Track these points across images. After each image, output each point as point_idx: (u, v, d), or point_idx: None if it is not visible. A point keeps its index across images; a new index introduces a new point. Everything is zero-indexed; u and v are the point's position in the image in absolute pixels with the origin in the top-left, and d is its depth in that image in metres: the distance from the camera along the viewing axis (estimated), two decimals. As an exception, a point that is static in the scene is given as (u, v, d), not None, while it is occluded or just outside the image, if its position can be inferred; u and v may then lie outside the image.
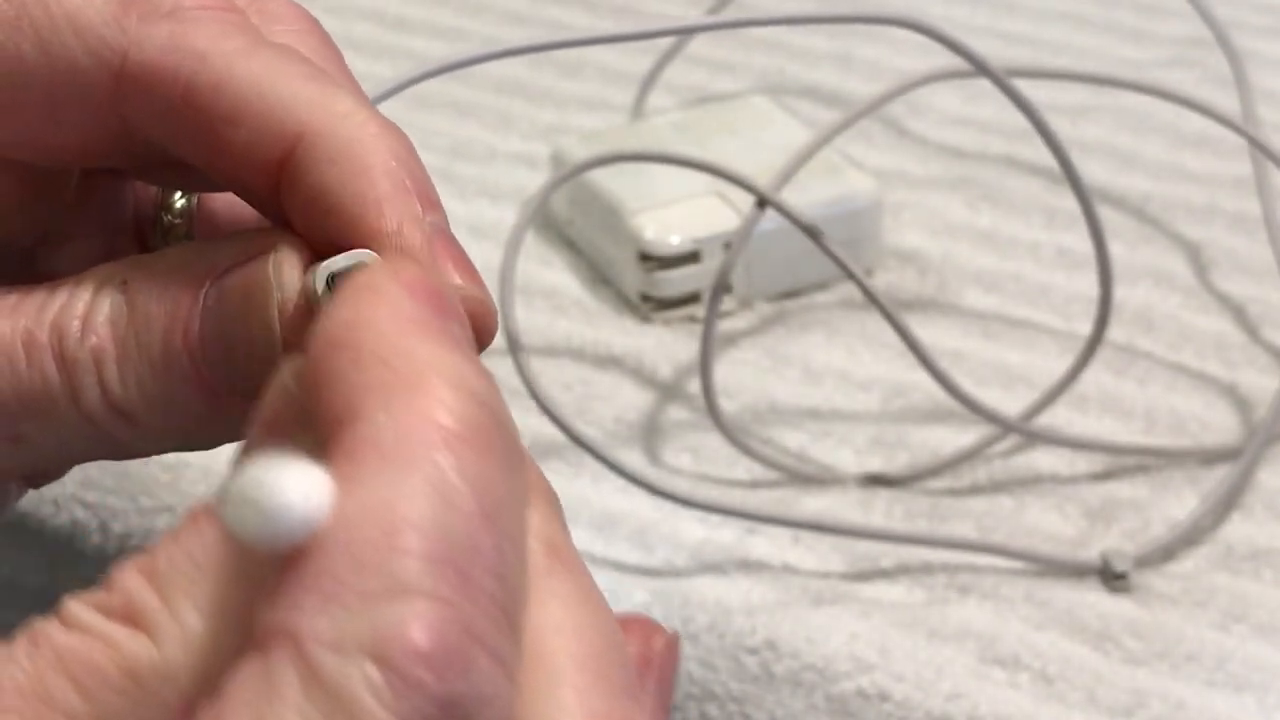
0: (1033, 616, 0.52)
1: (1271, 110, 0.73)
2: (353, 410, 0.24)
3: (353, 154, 0.30)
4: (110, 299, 0.32)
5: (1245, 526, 0.56)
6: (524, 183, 0.72)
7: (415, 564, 0.23)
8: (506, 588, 0.24)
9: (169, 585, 0.25)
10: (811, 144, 0.59)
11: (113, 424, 0.32)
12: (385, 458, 0.23)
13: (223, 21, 0.32)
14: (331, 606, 0.23)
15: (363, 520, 0.23)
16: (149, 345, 0.31)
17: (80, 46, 0.31)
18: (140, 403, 0.32)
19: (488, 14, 0.85)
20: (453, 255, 0.30)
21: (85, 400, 0.32)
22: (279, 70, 0.31)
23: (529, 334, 0.63)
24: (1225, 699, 0.50)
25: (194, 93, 0.31)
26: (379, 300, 0.25)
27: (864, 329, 0.63)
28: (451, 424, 0.24)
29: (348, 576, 0.23)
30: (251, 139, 0.31)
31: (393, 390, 0.24)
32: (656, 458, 0.59)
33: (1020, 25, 0.83)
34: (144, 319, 0.32)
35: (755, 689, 0.51)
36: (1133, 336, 0.63)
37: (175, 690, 0.25)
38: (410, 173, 0.30)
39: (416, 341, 0.25)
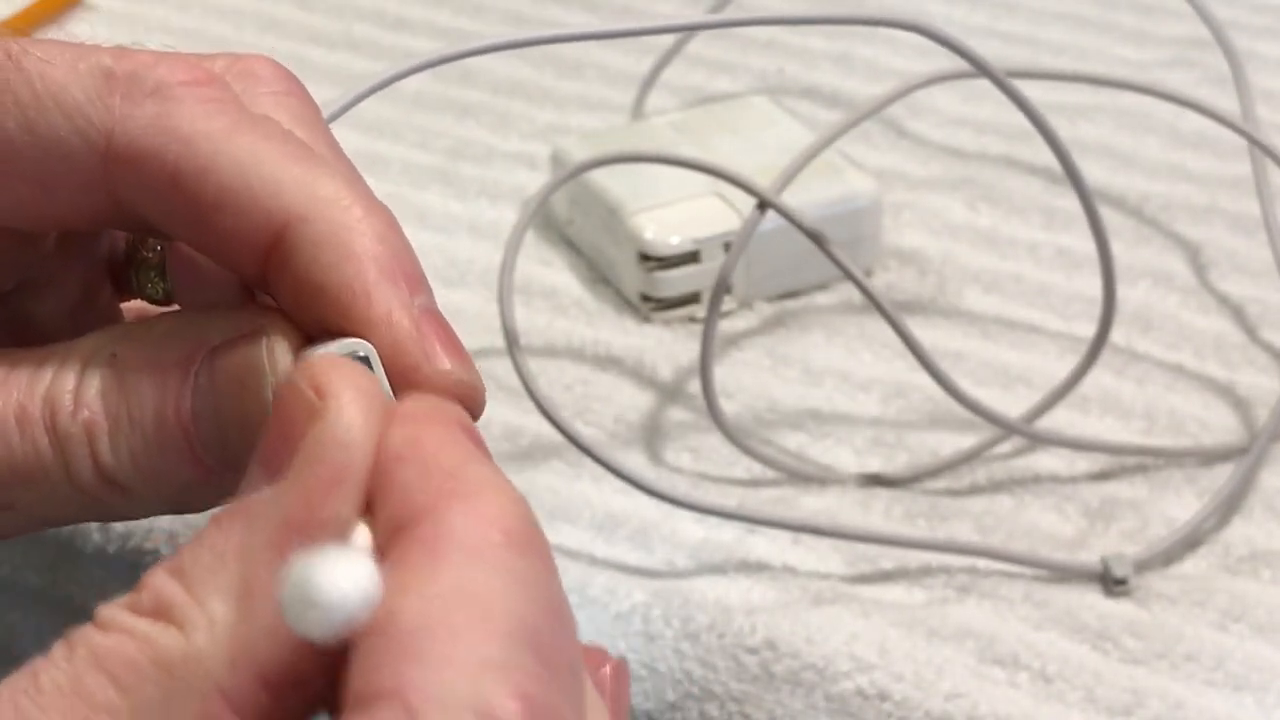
0: (1032, 616, 0.52)
1: (1270, 110, 0.73)
2: (426, 510, 0.27)
3: (339, 240, 0.31)
4: (100, 373, 0.32)
5: (1244, 527, 0.56)
6: (524, 183, 0.72)
7: (509, 644, 0.25)
8: (575, 674, 0.26)
9: (194, 579, 0.27)
10: (814, 146, 0.59)
11: (105, 494, 0.33)
12: (468, 553, 0.26)
13: (205, 100, 0.32)
14: (436, 674, 0.25)
15: (457, 604, 0.25)
16: (141, 420, 0.32)
17: (66, 125, 0.32)
18: (133, 474, 0.32)
19: (488, 14, 0.85)
20: (441, 336, 0.31)
21: (77, 472, 0.32)
22: (263, 152, 0.32)
23: (529, 334, 0.63)
24: (1224, 698, 0.50)
25: (180, 178, 0.31)
26: (434, 426, 0.28)
27: (864, 329, 0.63)
28: (514, 528, 0.27)
29: (449, 649, 0.25)
30: (238, 224, 0.31)
31: (463, 499, 0.27)
32: (656, 458, 0.59)
33: (1020, 25, 0.83)
34: (135, 394, 0.32)
35: (755, 689, 0.51)
36: (1132, 337, 0.63)
37: (208, 677, 0.26)
38: (396, 255, 0.31)
39: (471, 462, 0.27)
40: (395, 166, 0.73)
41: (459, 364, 0.31)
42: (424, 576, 0.26)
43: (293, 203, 0.31)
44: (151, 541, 0.55)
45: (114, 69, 0.32)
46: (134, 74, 0.32)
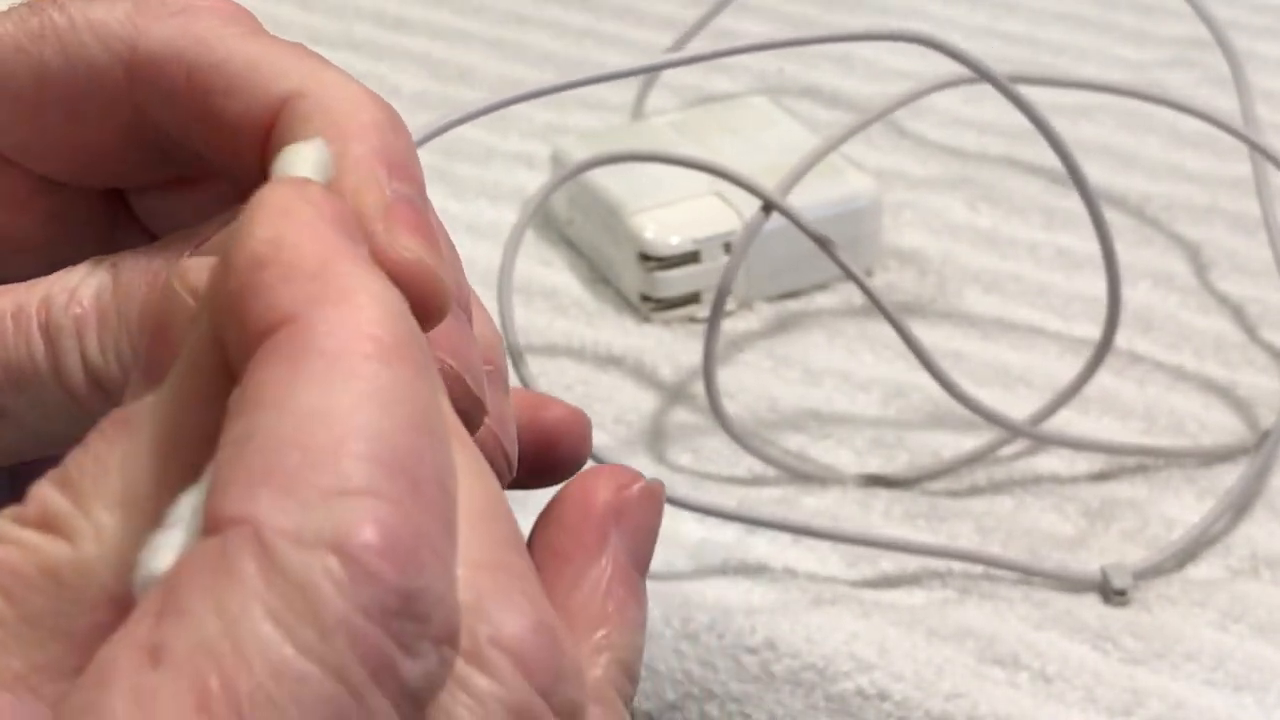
0: (1031, 616, 0.52)
1: (1270, 110, 0.73)
2: (289, 318, 0.25)
3: (330, 116, 0.31)
4: (99, 277, 0.33)
5: (1244, 526, 0.56)
6: (523, 183, 0.72)
7: (366, 467, 0.24)
8: (444, 491, 0.25)
9: (80, 489, 0.26)
10: (820, 148, 0.59)
11: (91, 396, 0.33)
12: (329, 365, 0.24)
13: (225, 14, 0.34)
14: (288, 501, 0.23)
15: (313, 422, 0.24)
16: (129, 315, 0.33)
17: (97, 45, 0.33)
18: (119, 373, 0.33)
19: (488, 14, 0.85)
20: (411, 222, 0.30)
21: (65, 369, 0.33)
22: (275, 49, 0.33)
23: (529, 334, 0.63)
24: (1224, 698, 0.50)
25: (195, 72, 0.33)
26: (297, 221, 0.26)
27: (865, 330, 0.63)
28: (384, 336, 0.25)
29: (303, 473, 0.24)
30: (244, 108, 0.32)
31: (327, 303, 0.25)
32: (656, 458, 0.59)
33: (1019, 26, 0.83)
34: (126, 291, 0.33)
35: (755, 689, 0.51)
36: (1132, 337, 0.63)
37: (95, 585, 0.26)
38: (386, 141, 0.31)
39: (339, 260, 0.26)
40: (395, 166, 0.73)
41: (422, 246, 0.30)
42: (281, 391, 0.24)
43: (295, 83, 0.32)
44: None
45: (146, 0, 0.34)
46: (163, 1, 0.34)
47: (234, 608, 0.23)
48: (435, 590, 0.24)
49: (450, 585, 0.24)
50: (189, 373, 0.27)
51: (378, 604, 0.23)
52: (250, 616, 0.23)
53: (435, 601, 0.24)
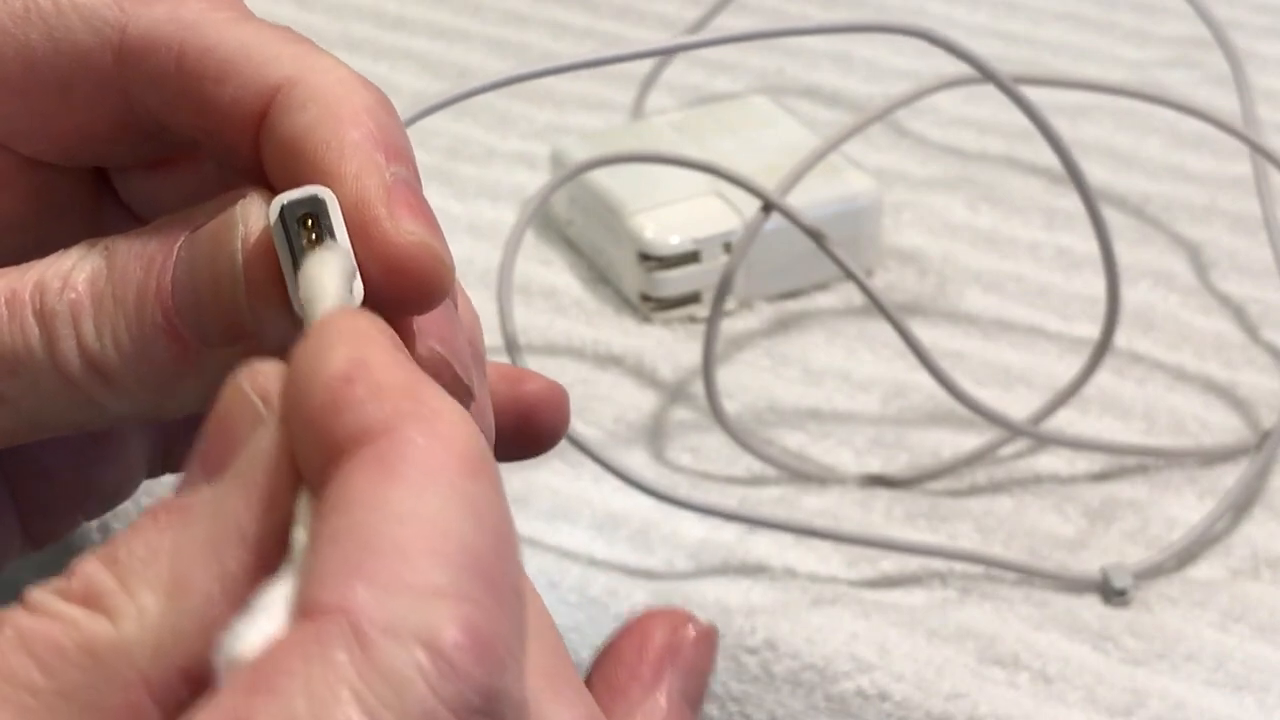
0: (1032, 616, 0.52)
1: (1271, 110, 0.73)
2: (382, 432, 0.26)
3: (324, 102, 0.31)
4: (92, 262, 0.33)
5: (1245, 527, 0.56)
6: (523, 183, 0.72)
7: (456, 571, 0.25)
8: (520, 600, 0.26)
9: (126, 570, 0.27)
10: (820, 148, 0.59)
11: (88, 381, 0.33)
12: (423, 476, 0.26)
13: (215, 2, 0.34)
14: (384, 595, 0.24)
15: (408, 525, 0.25)
16: (125, 300, 0.33)
17: (84, 28, 0.33)
18: (115, 358, 0.33)
19: (488, 14, 0.85)
20: (410, 204, 0.31)
21: (62, 355, 0.33)
22: (265, 34, 0.33)
23: (529, 334, 0.63)
24: (1225, 699, 0.50)
25: (185, 58, 0.33)
26: (376, 344, 0.27)
27: (864, 329, 0.63)
28: (471, 454, 0.26)
29: (398, 571, 0.25)
30: (236, 94, 0.32)
31: (420, 420, 0.26)
32: (656, 458, 0.59)
33: (1020, 25, 0.83)
34: (121, 275, 0.33)
35: (755, 689, 0.51)
36: (1132, 337, 0.63)
37: (131, 665, 0.26)
38: (380, 125, 0.31)
39: (423, 382, 0.27)
40: (395, 166, 0.73)
41: (424, 228, 0.31)
42: (379, 495, 0.26)
43: (288, 68, 0.32)
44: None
45: None
46: None
47: (324, 691, 0.24)
48: (512, 691, 0.25)
49: (522, 687, 0.26)
50: (254, 473, 0.27)
51: (462, 700, 0.24)
52: (339, 700, 0.24)
53: (510, 701, 0.25)
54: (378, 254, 0.30)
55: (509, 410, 0.37)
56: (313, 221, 0.30)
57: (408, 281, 0.31)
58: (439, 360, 0.32)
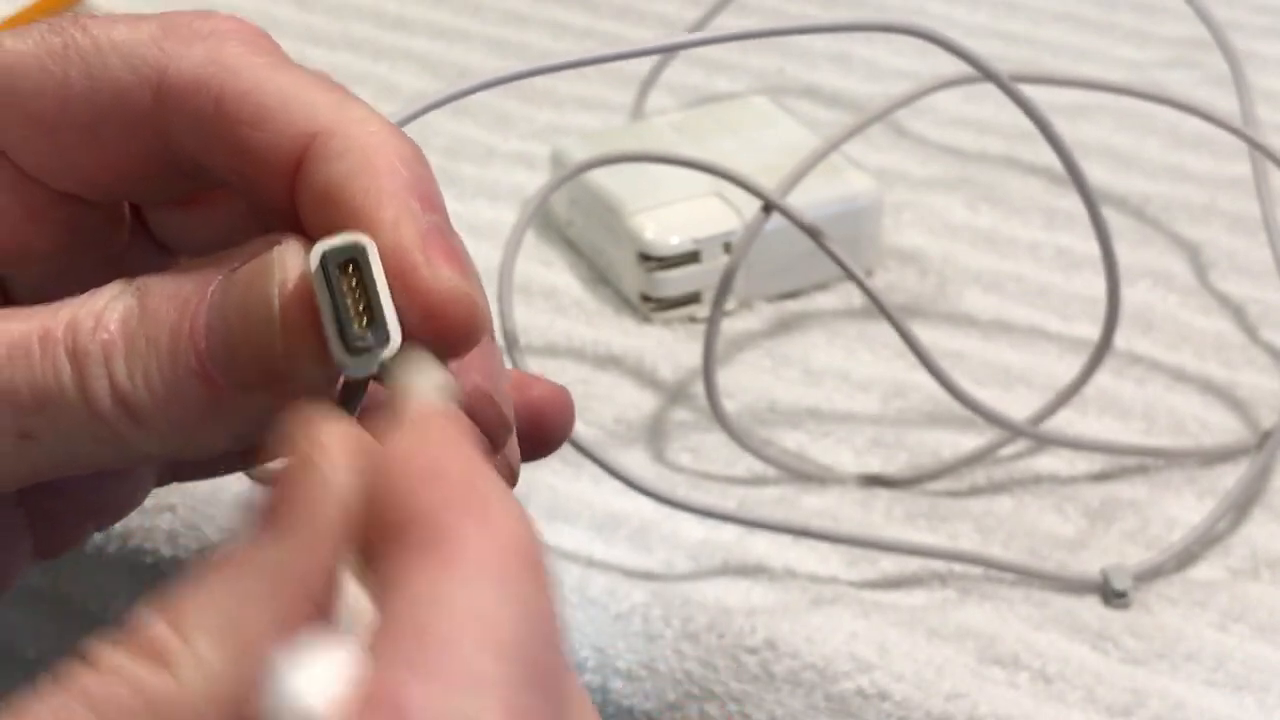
0: (1032, 616, 0.52)
1: (1270, 110, 0.73)
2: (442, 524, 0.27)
3: (361, 152, 0.32)
4: (124, 302, 0.33)
5: (1244, 527, 0.56)
6: (523, 183, 0.72)
7: (506, 665, 0.26)
8: (564, 700, 0.27)
9: (185, 621, 0.27)
10: (821, 149, 0.59)
11: (118, 421, 0.33)
12: (481, 571, 0.27)
13: (251, 41, 0.34)
14: (433, 685, 0.26)
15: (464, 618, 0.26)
16: (157, 341, 0.33)
17: (123, 67, 0.34)
18: (146, 399, 0.33)
19: (488, 14, 0.85)
20: (446, 251, 0.32)
21: (93, 394, 0.33)
22: (303, 81, 0.33)
23: (529, 334, 0.63)
24: (1224, 698, 0.50)
25: (224, 101, 0.33)
26: (446, 435, 0.29)
27: (864, 330, 0.64)
28: (527, 551, 0.27)
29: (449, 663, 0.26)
30: (273, 140, 0.33)
31: (478, 515, 0.27)
32: (656, 458, 0.59)
33: (1020, 26, 0.83)
34: (154, 317, 0.33)
35: (755, 688, 0.51)
36: (1132, 337, 0.63)
37: (191, 715, 0.27)
38: (416, 175, 0.32)
39: (483, 476, 0.28)
40: (395, 166, 0.73)
41: (460, 275, 0.31)
42: (434, 588, 0.26)
43: (324, 119, 0.33)
44: (152, 542, 0.55)
45: (168, 20, 0.34)
46: (189, 24, 0.34)
47: None
48: None
49: None
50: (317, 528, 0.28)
51: None
52: None
53: None
54: (417, 301, 0.31)
55: (518, 416, 0.37)
56: (353, 268, 0.31)
57: (445, 326, 0.31)
58: (483, 396, 0.33)
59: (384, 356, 0.31)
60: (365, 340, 0.31)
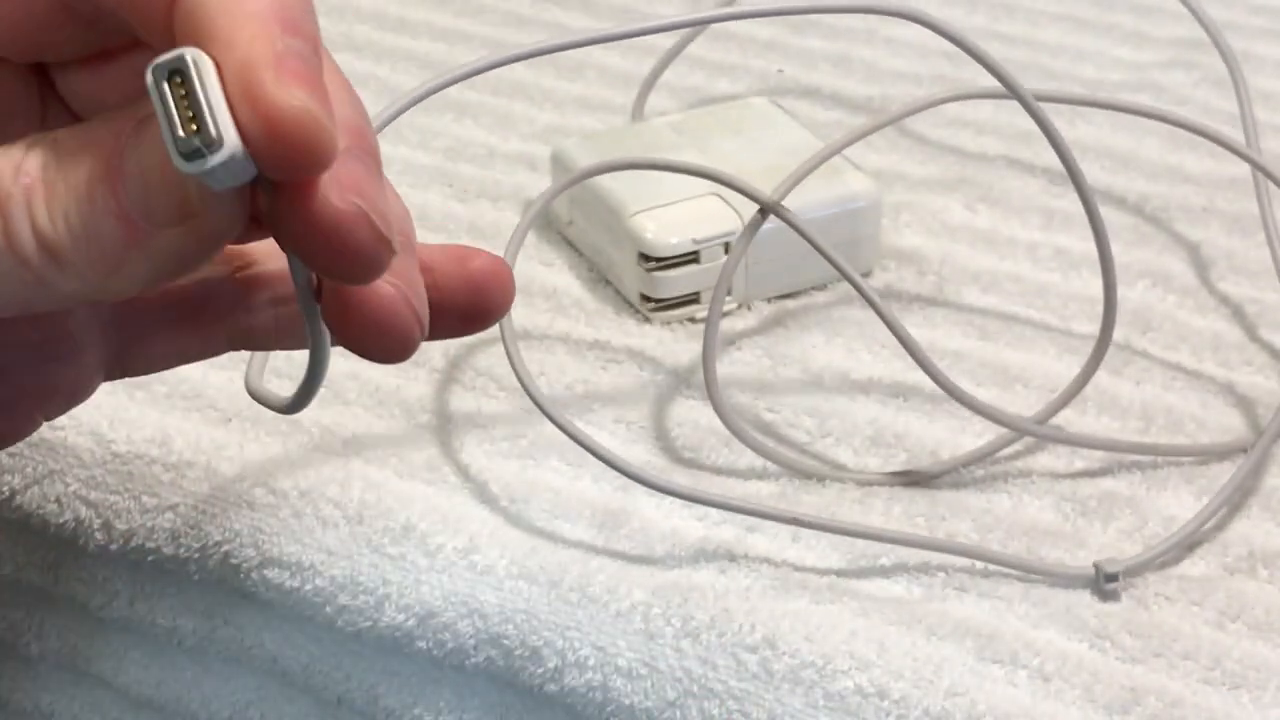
0: (1030, 614, 0.53)
1: (1268, 112, 0.74)
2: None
3: None
4: (42, 151, 0.35)
5: (1241, 524, 0.56)
6: (524, 184, 0.72)
7: None
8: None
9: None
10: (823, 152, 0.59)
11: (41, 262, 0.35)
12: None
13: None
14: None
15: None
16: (75, 184, 0.34)
17: None
18: (67, 239, 0.34)
19: (489, 15, 0.85)
20: (298, 73, 0.33)
21: (16, 236, 0.34)
22: None
23: (529, 334, 0.63)
24: (1221, 696, 0.50)
25: None
26: None
27: (863, 329, 0.64)
28: None
29: None
30: None
31: None
32: (656, 457, 0.59)
33: (1018, 27, 0.83)
34: (71, 161, 0.35)
35: (754, 686, 0.51)
36: (1130, 336, 0.63)
37: None
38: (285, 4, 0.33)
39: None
40: (396, 166, 0.73)
41: (309, 96, 0.32)
42: None
43: None
44: (154, 540, 0.56)
45: None
46: None
47: None
48: None
49: None
50: None
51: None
52: None
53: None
54: (260, 115, 0.32)
55: (460, 288, 0.39)
56: (181, 80, 0.33)
57: (290, 144, 0.32)
58: (357, 213, 0.33)
59: (219, 160, 0.32)
60: (189, 144, 0.32)
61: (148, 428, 0.58)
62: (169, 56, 0.33)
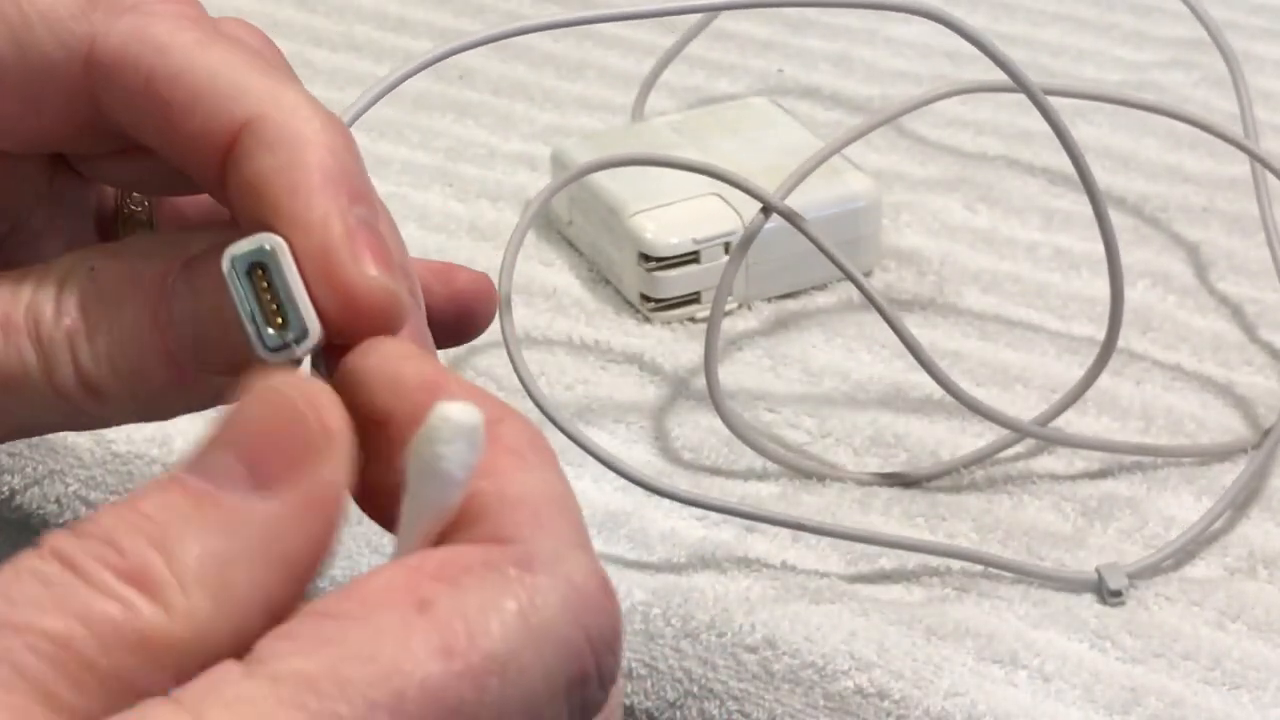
0: (1030, 615, 0.53)
1: (1268, 111, 0.74)
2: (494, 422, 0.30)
3: (290, 143, 0.32)
4: (80, 285, 0.34)
5: (1242, 525, 0.56)
6: (525, 183, 0.72)
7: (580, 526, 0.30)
8: None
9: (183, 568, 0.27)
10: (823, 151, 0.59)
11: (83, 399, 0.34)
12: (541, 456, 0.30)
13: (180, 16, 0.34)
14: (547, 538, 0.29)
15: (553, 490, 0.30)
16: (120, 327, 0.34)
17: (51, 39, 0.34)
18: (111, 379, 0.34)
19: (489, 14, 0.85)
20: (373, 247, 0.32)
21: (59, 377, 0.34)
22: (232, 62, 0.33)
23: (529, 334, 0.63)
24: (1221, 697, 0.50)
25: (154, 83, 0.33)
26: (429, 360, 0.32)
27: (863, 329, 0.64)
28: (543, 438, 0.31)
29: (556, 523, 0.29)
30: (204, 126, 0.33)
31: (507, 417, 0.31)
32: (657, 457, 0.59)
33: (1019, 26, 0.83)
34: (114, 303, 0.34)
35: (754, 687, 0.51)
36: (1130, 337, 0.63)
37: (175, 659, 0.27)
38: (344, 167, 0.33)
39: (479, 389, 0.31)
40: (396, 167, 0.73)
41: (385, 273, 0.32)
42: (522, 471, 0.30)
43: (255, 107, 0.33)
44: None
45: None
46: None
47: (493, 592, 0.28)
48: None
49: None
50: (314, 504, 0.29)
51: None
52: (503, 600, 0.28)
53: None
54: (340, 297, 0.32)
55: (445, 301, 0.39)
56: (263, 271, 0.32)
57: (367, 320, 0.32)
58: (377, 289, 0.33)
59: (305, 350, 0.32)
60: (278, 339, 0.32)
61: (148, 428, 0.58)
62: (248, 248, 0.32)
